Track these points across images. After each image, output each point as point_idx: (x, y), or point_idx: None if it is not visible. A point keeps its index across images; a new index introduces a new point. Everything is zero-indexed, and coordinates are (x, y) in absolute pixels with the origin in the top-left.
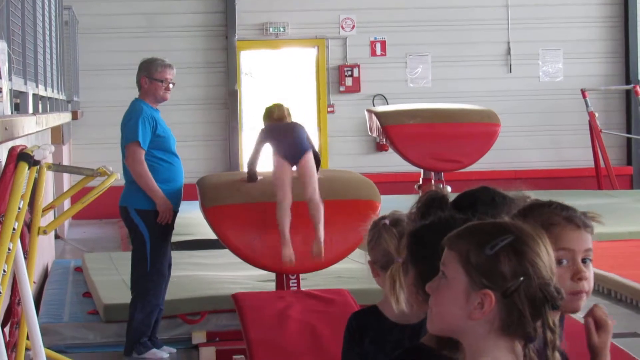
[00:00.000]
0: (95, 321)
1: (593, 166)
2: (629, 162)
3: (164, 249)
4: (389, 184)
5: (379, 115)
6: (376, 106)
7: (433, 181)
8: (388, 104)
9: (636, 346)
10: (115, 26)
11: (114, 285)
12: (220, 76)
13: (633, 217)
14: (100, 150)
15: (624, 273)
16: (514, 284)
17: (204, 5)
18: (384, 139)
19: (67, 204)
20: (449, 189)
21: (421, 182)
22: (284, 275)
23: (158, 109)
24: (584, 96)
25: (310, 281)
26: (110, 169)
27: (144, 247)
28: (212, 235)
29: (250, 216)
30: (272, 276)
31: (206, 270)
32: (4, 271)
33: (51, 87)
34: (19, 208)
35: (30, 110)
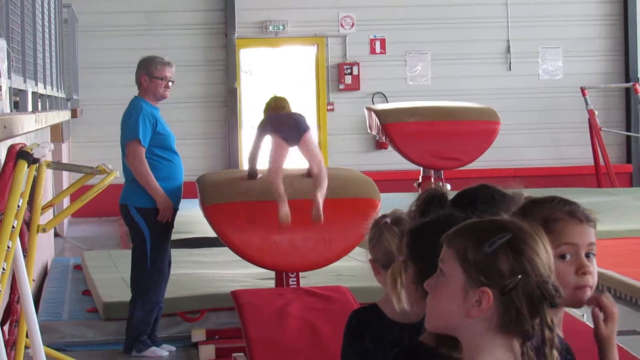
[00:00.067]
0: (94, 319)
1: (593, 164)
2: (629, 160)
3: (164, 247)
4: (389, 182)
5: (378, 113)
6: (376, 104)
7: (433, 179)
8: (388, 102)
9: (636, 344)
10: (115, 24)
11: (113, 283)
12: (219, 74)
13: (632, 215)
14: (100, 148)
15: (623, 271)
16: (511, 282)
17: (204, 3)
18: (383, 137)
19: (66, 201)
20: (448, 186)
21: (421, 180)
22: (284, 273)
23: (158, 107)
24: (583, 94)
25: (310, 279)
26: (110, 166)
27: (144, 245)
28: (211, 233)
29: (249, 214)
30: (271, 274)
31: (206, 268)
32: (3, 269)
33: (50, 85)
34: (18, 206)
35: (30, 108)
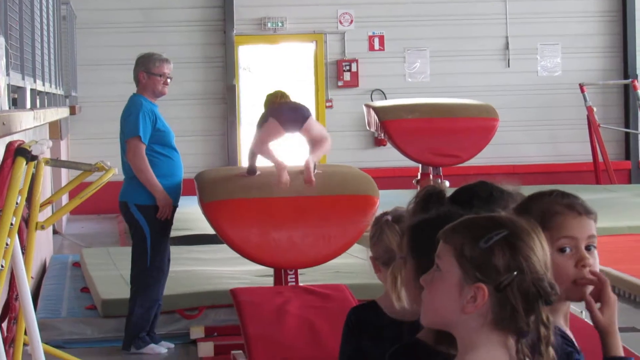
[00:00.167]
0: (93, 316)
1: (591, 161)
2: (627, 157)
3: (164, 244)
4: (388, 178)
5: (377, 110)
6: (374, 101)
7: (431, 176)
8: (386, 98)
9: (635, 341)
10: (113, 21)
11: (112, 281)
12: (218, 71)
13: (631, 212)
14: (98, 145)
15: (622, 268)
16: (507, 278)
17: (202, 0)
18: (382, 134)
19: (65, 199)
20: (447, 183)
21: (419, 177)
22: (282, 271)
23: (157, 104)
24: (582, 91)
25: (309, 276)
26: (108, 164)
27: (144, 242)
28: (210, 230)
29: (248, 211)
30: (270, 271)
31: (204, 266)
32: (2, 266)
33: (49, 82)
34: (16, 203)
35: (28, 105)
